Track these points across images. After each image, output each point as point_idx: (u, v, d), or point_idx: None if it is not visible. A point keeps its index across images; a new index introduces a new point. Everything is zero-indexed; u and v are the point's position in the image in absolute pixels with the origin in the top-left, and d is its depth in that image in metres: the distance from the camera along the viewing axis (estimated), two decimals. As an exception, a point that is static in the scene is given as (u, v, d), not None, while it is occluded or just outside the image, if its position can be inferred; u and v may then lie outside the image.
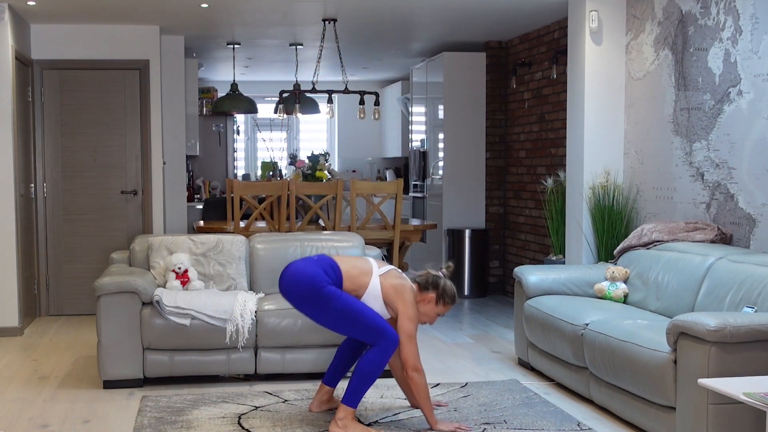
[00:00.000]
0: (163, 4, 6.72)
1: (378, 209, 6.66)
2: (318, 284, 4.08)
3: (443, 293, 4.26)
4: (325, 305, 4.09)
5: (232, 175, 10.98)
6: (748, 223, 4.95)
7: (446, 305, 4.29)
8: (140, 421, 4.33)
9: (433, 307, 4.27)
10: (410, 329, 4.15)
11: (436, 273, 4.31)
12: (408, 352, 4.13)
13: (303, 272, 4.13)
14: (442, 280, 4.28)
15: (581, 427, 4.25)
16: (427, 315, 4.29)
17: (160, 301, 4.94)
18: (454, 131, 8.82)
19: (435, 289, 4.25)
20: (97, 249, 7.58)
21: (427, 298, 4.25)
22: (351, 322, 4.13)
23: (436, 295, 4.25)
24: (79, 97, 7.56)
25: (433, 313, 4.29)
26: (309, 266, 4.16)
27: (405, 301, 4.19)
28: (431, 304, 4.26)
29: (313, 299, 4.10)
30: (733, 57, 5.05)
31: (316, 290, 4.08)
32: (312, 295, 4.09)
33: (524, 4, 6.86)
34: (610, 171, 6.18)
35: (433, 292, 4.25)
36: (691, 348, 3.69)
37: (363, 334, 4.15)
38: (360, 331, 4.14)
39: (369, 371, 4.09)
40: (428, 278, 4.28)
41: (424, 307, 4.26)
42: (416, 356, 4.15)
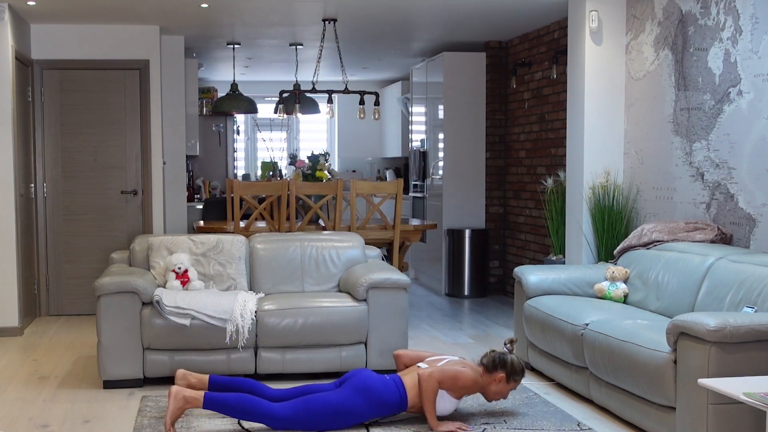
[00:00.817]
0: (163, 4, 6.72)
1: (378, 209, 6.66)
2: (377, 400, 4.16)
3: (512, 371, 4.31)
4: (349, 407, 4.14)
5: (232, 175, 10.98)
6: (748, 223, 4.95)
7: (516, 381, 4.34)
8: (140, 421, 4.33)
9: (505, 385, 4.32)
10: (458, 377, 4.21)
11: (501, 352, 4.34)
12: (435, 370, 4.19)
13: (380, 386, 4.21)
14: (509, 356, 4.32)
15: (581, 427, 4.25)
16: (499, 393, 4.34)
17: (160, 301, 4.94)
18: (454, 131, 8.81)
19: (503, 368, 4.30)
20: (97, 249, 7.58)
21: (498, 378, 4.30)
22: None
23: (506, 374, 4.30)
24: (79, 97, 7.56)
25: (505, 391, 4.34)
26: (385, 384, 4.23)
27: (457, 370, 4.23)
28: (502, 383, 4.30)
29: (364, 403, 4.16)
30: (733, 57, 5.05)
31: (373, 402, 4.16)
32: (369, 401, 4.16)
33: (524, 4, 6.86)
34: (610, 171, 6.18)
35: (502, 371, 4.29)
36: (691, 348, 3.69)
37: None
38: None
39: (247, 410, 4.06)
40: (495, 357, 4.32)
41: (496, 387, 4.31)
42: (435, 377, 4.16)
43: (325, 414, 4.09)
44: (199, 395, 4.08)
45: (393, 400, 4.18)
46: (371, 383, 4.18)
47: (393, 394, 4.18)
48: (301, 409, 4.08)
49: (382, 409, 4.19)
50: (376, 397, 4.15)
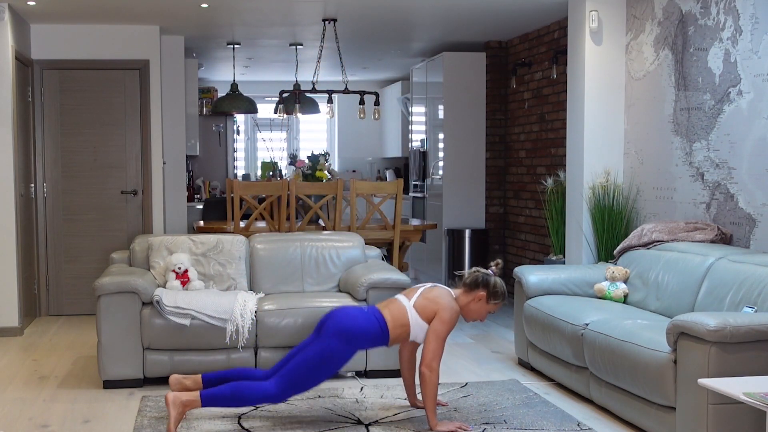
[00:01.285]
0: (163, 4, 6.72)
1: (378, 209, 6.66)
2: (361, 338, 4.17)
3: (494, 290, 4.28)
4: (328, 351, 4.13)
5: (232, 175, 10.99)
6: (748, 223, 4.95)
7: (497, 303, 4.32)
8: (140, 421, 4.33)
9: (484, 305, 4.29)
10: (440, 330, 4.17)
11: (485, 271, 4.32)
12: (429, 349, 4.15)
13: (358, 319, 4.20)
14: (492, 278, 4.30)
15: (581, 427, 4.25)
16: (477, 312, 4.31)
17: (160, 301, 4.94)
18: (454, 131, 8.81)
19: (485, 287, 4.27)
20: (97, 249, 7.58)
21: (478, 296, 4.27)
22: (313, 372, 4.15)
23: (487, 293, 4.27)
24: (79, 97, 7.56)
25: (483, 311, 4.31)
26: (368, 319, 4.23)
27: (441, 304, 4.22)
28: (482, 302, 4.28)
29: (341, 342, 4.14)
30: (733, 57, 5.05)
31: (353, 341, 4.16)
32: (346, 339, 4.14)
33: (524, 4, 6.86)
34: (610, 171, 6.18)
35: (483, 290, 4.27)
36: (691, 348, 3.69)
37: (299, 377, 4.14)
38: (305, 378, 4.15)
39: (244, 397, 4.09)
40: (477, 277, 4.30)
41: (474, 305, 4.28)
42: (436, 355, 4.15)
43: (314, 370, 4.10)
44: (196, 396, 4.08)
45: (374, 333, 4.18)
46: (348, 324, 4.15)
47: (374, 327, 4.18)
48: (291, 376, 4.09)
49: (365, 344, 4.22)
50: (356, 335, 4.15)
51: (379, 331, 4.19)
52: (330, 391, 4.89)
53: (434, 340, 4.16)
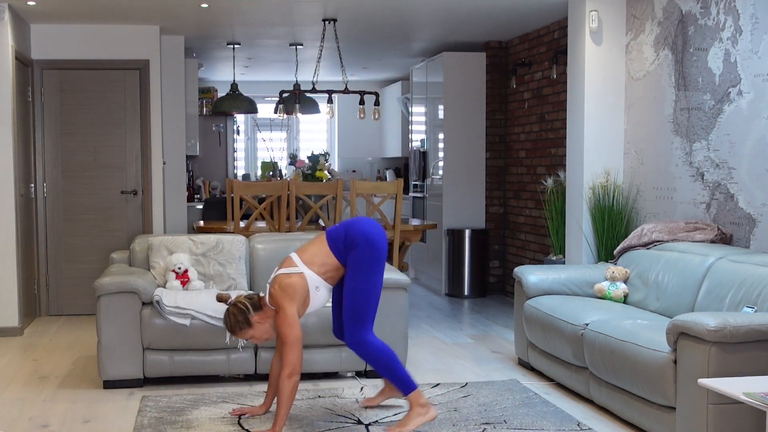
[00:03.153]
0: (163, 4, 6.72)
1: (378, 209, 6.66)
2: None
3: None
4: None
5: (232, 175, 10.98)
6: (748, 223, 4.95)
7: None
8: (140, 421, 4.33)
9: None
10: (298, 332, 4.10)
11: (227, 315, 4.21)
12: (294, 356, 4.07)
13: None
14: (236, 305, 4.19)
15: (581, 427, 4.25)
16: (267, 333, 4.21)
17: (160, 301, 4.94)
18: (454, 131, 8.81)
19: (249, 312, 4.18)
20: (97, 249, 7.58)
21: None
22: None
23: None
24: (79, 97, 7.56)
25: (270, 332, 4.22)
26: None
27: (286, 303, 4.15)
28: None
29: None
30: (733, 57, 5.05)
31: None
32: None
33: (524, 4, 6.86)
34: (610, 171, 6.18)
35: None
36: (691, 348, 3.69)
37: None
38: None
39: (384, 359, 4.15)
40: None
41: (267, 321, 4.19)
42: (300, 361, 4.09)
43: (365, 305, 4.14)
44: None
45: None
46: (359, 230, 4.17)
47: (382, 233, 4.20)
48: (353, 315, 4.13)
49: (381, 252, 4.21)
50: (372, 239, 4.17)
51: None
52: (330, 391, 4.89)
53: (297, 344, 4.11)
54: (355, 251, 4.13)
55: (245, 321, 4.14)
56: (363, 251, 4.13)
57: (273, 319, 4.18)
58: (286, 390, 4.01)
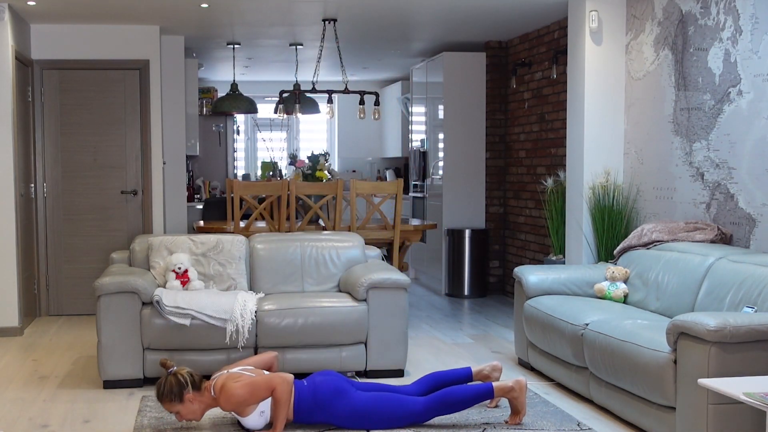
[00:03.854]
0: (163, 4, 6.72)
1: (378, 209, 6.66)
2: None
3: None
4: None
5: (232, 175, 10.98)
6: (748, 223, 4.95)
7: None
8: (140, 421, 4.33)
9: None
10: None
11: (164, 381, 4.11)
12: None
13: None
14: (176, 377, 4.11)
15: (581, 427, 4.25)
16: (194, 414, 4.13)
17: (160, 301, 4.94)
18: (454, 131, 8.81)
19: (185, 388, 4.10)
20: (97, 249, 7.58)
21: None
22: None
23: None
24: (79, 97, 7.56)
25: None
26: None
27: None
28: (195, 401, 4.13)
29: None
30: (733, 57, 5.05)
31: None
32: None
33: (524, 4, 6.86)
34: (610, 171, 6.18)
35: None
36: (691, 348, 3.69)
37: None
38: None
39: (451, 403, 4.21)
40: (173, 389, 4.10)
41: (199, 405, 4.13)
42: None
43: (378, 412, 4.19)
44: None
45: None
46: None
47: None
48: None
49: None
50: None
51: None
52: (330, 391, 4.88)
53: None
54: (328, 409, 4.18)
55: (178, 395, 4.03)
56: (334, 408, 4.18)
57: (206, 406, 4.11)
58: (285, 395, 4.09)
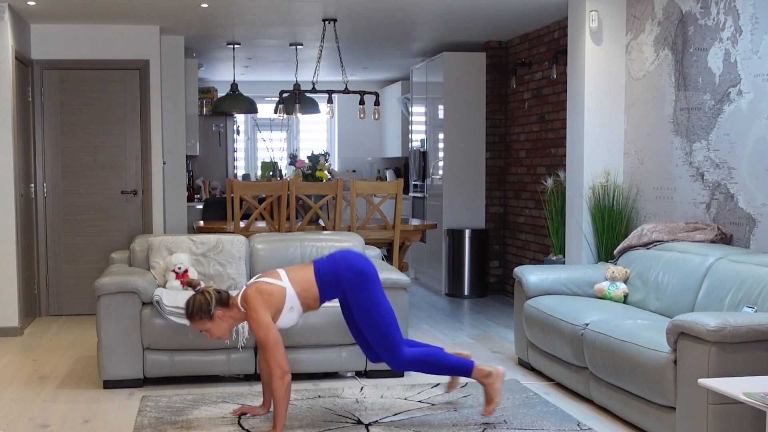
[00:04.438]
0: (163, 4, 6.72)
1: (378, 209, 6.66)
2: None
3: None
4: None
5: (232, 175, 10.98)
6: (748, 223, 4.95)
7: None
8: (140, 421, 4.33)
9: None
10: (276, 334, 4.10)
11: (193, 298, 4.16)
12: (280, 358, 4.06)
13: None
14: (203, 294, 4.14)
15: (581, 427, 4.25)
16: (223, 332, 4.16)
17: (160, 301, 4.94)
18: (454, 131, 8.82)
19: (214, 306, 4.14)
20: (97, 249, 7.58)
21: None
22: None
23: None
24: (79, 97, 7.56)
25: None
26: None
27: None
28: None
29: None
30: (733, 57, 5.05)
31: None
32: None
33: (524, 4, 6.86)
34: (610, 171, 6.18)
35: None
36: (691, 348, 3.69)
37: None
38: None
39: (431, 363, 4.20)
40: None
41: (228, 321, 4.16)
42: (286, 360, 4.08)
43: (387, 327, 4.17)
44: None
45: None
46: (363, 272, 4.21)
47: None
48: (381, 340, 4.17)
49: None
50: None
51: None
52: (330, 391, 4.89)
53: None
54: (352, 286, 4.15)
55: (207, 312, 4.09)
56: (359, 284, 4.15)
57: (235, 321, 4.15)
58: (281, 391, 4.00)
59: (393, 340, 4.16)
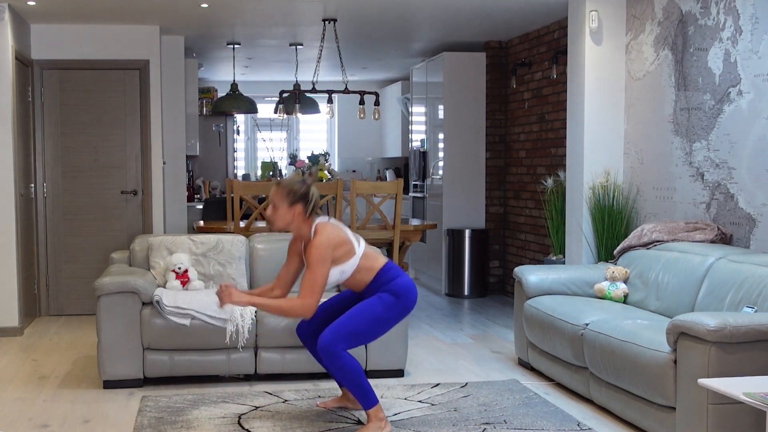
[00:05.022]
0: (163, 4, 6.72)
1: (378, 209, 6.66)
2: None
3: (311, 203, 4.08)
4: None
5: (232, 175, 10.98)
6: (748, 223, 4.95)
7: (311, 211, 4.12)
8: (140, 421, 4.33)
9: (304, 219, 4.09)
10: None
11: (299, 181, 4.12)
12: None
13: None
14: (310, 189, 4.09)
15: (581, 427, 4.25)
16: (284, 224, 4.10)
17: (160, 301, 4.94)
18: (454, 131, 8.81)
19: (304, 201, 4.07)
20: (97, 249, 7.58)
21: (297, 212, 4.07)
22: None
23: (304, 207, 4.07)
24: (79, 97, 7.56)
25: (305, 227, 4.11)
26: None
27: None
28: (301, 216, 4.09)
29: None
30: (733, 57, 5.05)
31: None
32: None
33: (524, 4, 6.86)
34: (610, 171, 6.18)
35: (302, 204, 4.07)
36: (691, 348, 3.69)
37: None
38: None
39: (351, 372, 4.06)
40: (296, 191, 4.06)
41: (292, 222, 4.09)
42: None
43: (369, 331, 4.16)
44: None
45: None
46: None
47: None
48: (348, 327, 4.07)
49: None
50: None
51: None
52: (330, 391, 4.89)
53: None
54: (399, 298, 4.15)
55: (293, 199, 4.03)
56: (393, 305, 4.15)
57: (296, 229, 4.09)
58: (286, 303, 4.07)
59: (356, 339, 4.10)
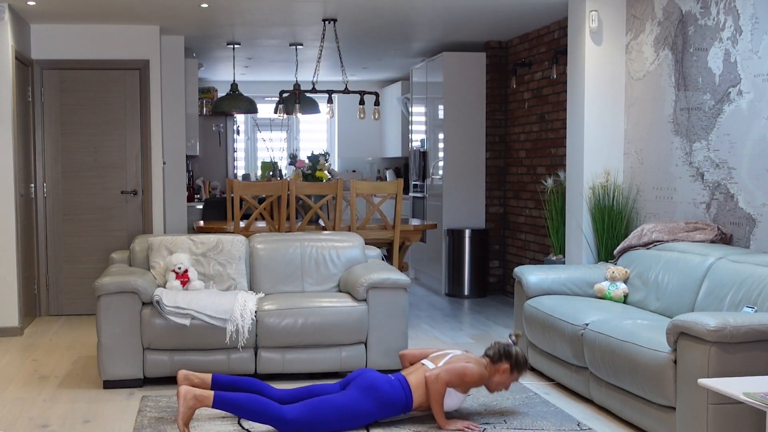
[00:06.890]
0: (163, 4, 6.72)
1: (378, 209, 6.66)
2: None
3: (516, 362, 4.35)
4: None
5: (232, 175, 10.98)
6: (748, 223, 4.95)
7: (520, 372, 4.38)
8: (140, 421, 4.33)
9: (508, 376, 4.35)
10: (464, 372, 4.24)
11: (506, 343, 4.39)
12: (444, 368, 4.24)
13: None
14: (513, 348, 4.37)
15: (581, 427, 4.25)
16: (502, 384, 4.38)
17: (160, 301, 4.94)
18: (454, 131, 8.81)
19: (508, 359, 4.34)
20: (97, 249, 7.58)
21: (502, 369, 4.34)
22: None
23: (510, 365, 4.34)
24: (79, 97, 7.56)
25: (508, 382, 4.38)
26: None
27: (471, 359, 4.35)
28: (506, 374, 4.34)
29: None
30: (733, 57, 5.05)
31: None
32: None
33: (524, 4, 6.86)
34: (610, 171, 6.18)
35: (506, 362, 4.34)
36: (691, 348, 3.69)
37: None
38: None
39: (256, 411, 4.03)
40: (500, 349, 4.37)
41: (499, 378, 4.35)
42: (446, 374, 4.21)
43: (334, 415, 4.08)
44: (209, 394, 4.06)
45: (399, 400, 4.18)
46: (377, 383, 4.18)
47: (398, 394, 4.18)
48: (310, 410, 4.06)
49: (389, 410, 4.19)
50: (383, 397, 4.15)
51: (404, 399, 4.21)
52: (330, 391, 4.89)
53: (454, 369, 4.22)
54: (389, 403, 4.19)
55: (499, 360, 4.36)
56: (393, 409, 4.22)
57: (496, 375, 4.35)
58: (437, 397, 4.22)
59: (319, 426, 4.07)
